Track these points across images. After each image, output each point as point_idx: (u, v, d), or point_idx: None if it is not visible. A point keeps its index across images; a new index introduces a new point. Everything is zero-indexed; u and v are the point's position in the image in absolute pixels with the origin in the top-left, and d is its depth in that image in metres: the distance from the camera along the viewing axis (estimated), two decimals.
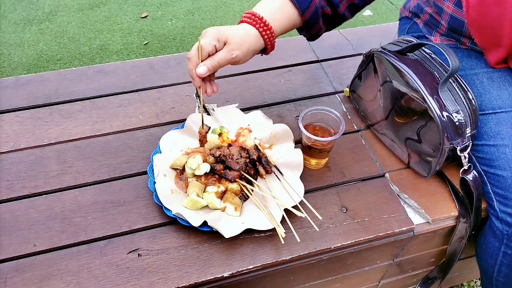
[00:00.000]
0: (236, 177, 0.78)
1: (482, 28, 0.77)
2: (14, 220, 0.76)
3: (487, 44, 0.80)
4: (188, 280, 0.69)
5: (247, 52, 0.71)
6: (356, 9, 0.81)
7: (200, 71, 0.68)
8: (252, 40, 0.72)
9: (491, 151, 0.78)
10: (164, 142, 0.85)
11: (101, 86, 1.03)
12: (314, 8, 0.75)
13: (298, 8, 0.74)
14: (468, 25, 0.78)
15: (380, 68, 0.83)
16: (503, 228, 0.76)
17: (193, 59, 0.69)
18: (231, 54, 0.69)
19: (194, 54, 0.69)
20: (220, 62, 0.70)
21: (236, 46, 0.69)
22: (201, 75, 0.69)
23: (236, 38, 0.70)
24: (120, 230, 0.75)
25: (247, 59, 0.73)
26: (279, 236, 0.71)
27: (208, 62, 0.69)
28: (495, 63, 0.82)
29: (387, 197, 0.82)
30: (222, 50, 0.69)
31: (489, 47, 0.81)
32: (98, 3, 2.45)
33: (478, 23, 0.76)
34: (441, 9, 0.84)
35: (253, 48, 0.73)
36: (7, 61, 2.06)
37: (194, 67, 0.69)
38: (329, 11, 0.78)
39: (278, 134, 0.85)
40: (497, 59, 0.81)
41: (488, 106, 0.81)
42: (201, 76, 0.69)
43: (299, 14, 0.75)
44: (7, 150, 0.88)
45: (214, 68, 0.70)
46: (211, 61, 0.69)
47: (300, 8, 0.74)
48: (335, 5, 0.77)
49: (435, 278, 0.97)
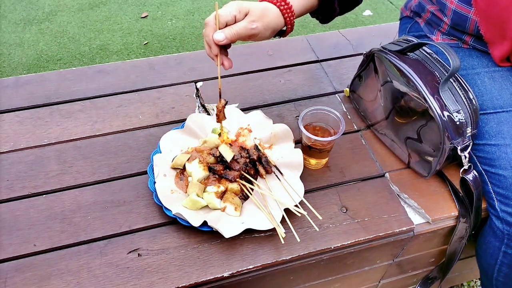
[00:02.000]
0: (236, 177, 0.78)
1: (489, 19, 0.77)
2: (14, 220, 0.76)
3: (493, 36, 0.80)
4: (188, 280, 0.69)
5: (267, 26, 0.69)
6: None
7: (218, 37, 0.65)
8: (273, 17, 0.70)
9: (492, 151, 0.78)
10: (164, 142, 0.85)
11: (101, 86, 1.03)
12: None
13: None
14: (476, 15, 0.77)
15: (381, 68, 0.83)
16: (504, 227, 0.76)
17: (210, 24, 0.66)
18: (252, 25, 0.67)
19: (211, 19, 0.66)
20: (239, 32, 0.67)
21: (257, 18, 0.68)
22: (218, 41, 0.66)
23: (257, 11, 0.68)
24: (120, 230, 0.75)
25: (266, 34, 0.71)
26: (279, 236, 0.71)
27: (227, 30, 0.66)
28: (499, 58, 0.82)
29: (387, 197, 0.82)
30: (243, 21, 0.67)
31: (494, 41, 0.81)
32: (98, 3, 2.45)
33: (486, 13, 0.76)
34: (444, 5, 0.84)
35: (273, 25, 0.71)
36: (7, 61, 2.06)
37: (211, 33, 0.66)
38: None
39: (278, 134, 0.85)
40: (502, 53, 0.81)
41: (489, 106, 0.81)
42: (218, 43, 0.66)
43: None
44: (7, 150, 0.88)
45: (232, 37, 0.66)
46: (230, 30, 0.66)
47: None
48: None
49: (435, 278, 0.97)
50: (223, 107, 0.76)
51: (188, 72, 1.07)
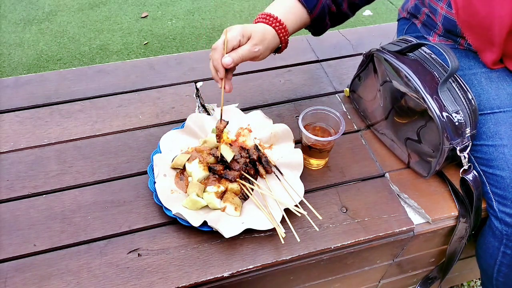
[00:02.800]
0: (236, 177, 0.78)
1: (473, 28, 0.78)
2: (14, 220, 0.76)
3: (480, 44, 0.81)
4: (188, 280, 0.69)
5: (267, 47, 0.75)
6: (356, 7, 0.86)
7: (226, 61, 0.70)
8: (271, 38, 0.75)
9: (490, 151, 0.78)
10: (164, 142, 0.85)
11: (101, 86, 1.03)
12: (321, 7, 0.79)
13: (306, 7, 0.78)
14: (460, 26, 0.79)
15: (380, 68, 0.83)
16: (502, 228, 0.76)
17: (219, 49, 0.70)
18: (255, 48, 0.72)
19: (220, 44, 0.70)
20: (243, 55, 0.72)
21: (258, 41, 0.73)
22: (227, 65, 0.70)
23: (259, 34, 0.73)
24: (120, 230, 0.75)
25: (266, 55, 0.76)
26: (279, 236, 0.71)
27: (234, 54, 0.71)
28: (491, 63, 0.82)
29: (387, 197, 0.82)
30: (246, 45, 0.72)
31: (483, 48, 0.81)
32: (98, 3, 2.45)
33: (468, 23, 0.77)
34: (435, 10, 0.85)
35: (272, 45, 0.76)
36: (7, 61, 2.06)
37: (220, 57, 0.71)
38: (334, 9, 0.82)
39: (278, 134, 0.85)
40: (492, 59, 0.81)
41: (486, 106, 0.81)
42: (226, 67, 0.71)
43: (308, 13, 0.79)
44: (7, 150, 0.88)
45: (238, 61, 0.71)
46: (236, 54, 0.71)
47: (308, 7, 0.78)
48: (338, 3, 0.81)
49: (435, 278, 0.97)
50: (223, 127, 0.78)
51: (188, 72, 1.07)
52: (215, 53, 0.71)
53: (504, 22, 0.71)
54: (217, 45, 0.71)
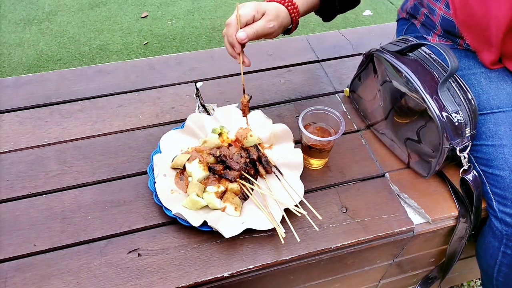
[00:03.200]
0: (236, 177, 0.78)
1: (471, 28, 0.78)
2: (14, 220, 0.76)
3: (478, 44, 0.81)
4: (188, 280, 0.69)
5: (281, 24, 0.75)
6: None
7: (241, 35, 0.70)
8: (284, 16, 0.75)
9: (490, 151, 0.78)
10: (164, 142, 0.85)
11: (101, 86, 1.03)
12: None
13: None
14: (458, 26, 0.79)
15: (380, 68, 0.83)
16: (502, 228, 0.76)
17: (232, 24, 0.70)
18: (269, 24, 0.72)
19: (233, 20, 0.70)
20: (258, 31, 0.71)
21: (273, 17, 0.73)
22: (242, 40, 0.70)
23: (273, 11, 0.73)
24: (120, 230, 0.75)
25: (279, 32, 0.77)
26: (279, 236, 0.71)
27: (248, 29, 0.71)
28: (490, 63, 0.82)
29: (387, 197, 0.82)
30: (261, 20, 0.72)
31: (481, 48, 0.81)
32: (98, 3, 2.45)
33: (466, 23, 0.77)
34: (433, 11, 0.85)
35: (284, 24, 0.76)
36: (7, 61, 2.06)
37: (234, 33, 0.70)
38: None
39: (278, 134, 0.85)
40: (491, 59, 0.81)
41: (486, 106, 0.81)
42: (241, 42, 0.70)
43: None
44: (7, 150, 0.88)
45: (252, 36, 0.71)
46: (251, 29, 0.71)
47: None
48: None
49: (435, 278, 0.97)
50: (247, 102, 0.79)
51: (188, 72, 1.07)
52: (230, 29, 0.70)
53: (500, 22, 0.71)
54: (231, 20, 0.70)
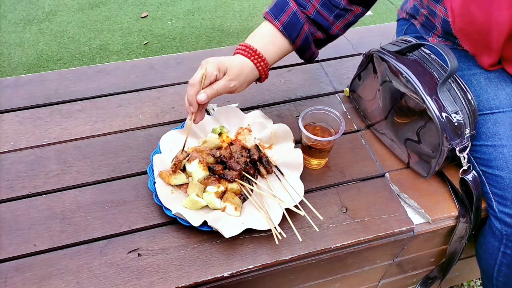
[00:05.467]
0: (235, 177, 0.78)
1: (469, 35, 0.77)
2: (14, 220, 0.76)
3: (477, 50, 0.81)
4: (188, 280, 0.69)
5: (243, 82, 0.75)
6: (351, 24, 0.84)
7: (201, 98, 0.71)
8: (248, 72, 0.75)
9: (489, 152, 0.78)
10: (164, 142, 0.85)
11: (101, 86, 1.03)
12: (304, 36, 0.78)
13: (288, 38, 0.77)
14: (456, 34, 0.79)
15: (379, 68, 0.83)
16: (502, 228, 0.76)
17: (196, 86, 0.71)
18: (229, 84, 0.73)
19: (198, 81, 0.70)
20: (218, 91, 0.72)
21: (234, 77, 0.73)
22: (201, 101, 0.71)
23: (235, 69, 0.73)
24: (120, 230, 0.75)
25: (242, 88, 0.77)
26: (274, 237, 0.71)
27: (208, 91, 0.71)
28: (488, 66, 0.82)
29: (387, 197, 0.82)
30: (222, 80, 0.72)
31: (480, 53, 0.81)
32: (98, 3, 2.45)
33: (464, 31, 0.77)
34: (434, 12, 0.85)
35: (249, 79, 0.77)
36: (7, 61, 2.06)
37: (195, 94, 0.71)
38: (321, 36, 0.81)
39: (278, 134, 0.85)
40: (490, 62, 0.81)
41: (485, 107, 0.81)
42: (200, 103, 0.71)
43: (290, 43, 0.79)
44: (7, 150, 0.88)
45: (212, 96, 0.72)
46: (211, 90, 0.72)
47: (290, 38, 0.78)
48: (325, 28, 0.80)
49: (435, 278, 0.97)
50: (183, 159, 0.79)
51: (188, 72, 1.07)
52: (192, 89, 0.71)
53: (502, 28, 0.71)
54: (195, 81, 0.70)
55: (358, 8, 0.80)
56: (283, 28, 0.77)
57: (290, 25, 0.76)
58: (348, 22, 0.82)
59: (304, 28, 0.77)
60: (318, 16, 0.77)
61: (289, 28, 0.77)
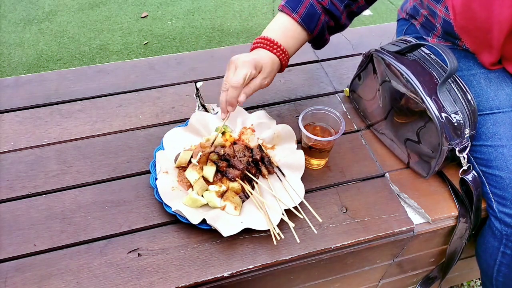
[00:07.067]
0: (237, 176, 0.78)
1: (471, 32, 0.78)
2: (14, 220, 0.76)
3: (478, 47, 0.81)
4: (188, 280, 0.69)
5: (273, 77, 0.79)
6: (354, 15, 0.87)
7: (242, 99, 0.73)
8: (277, 65, 0.78)
9: (489, 152, 0.78)
10: (168, 139, 0.85)
11: (101, 86, 1.03)
12: (321, 25, 0.81)
13: (307, 29, 0.79)
14: (457, 31, 0.80)
15: (379, 68, 0.83)
16: (502, 228, 0.76)
17: (240, 88, 0.72)
18: (264, 82, 0.75)
19: (242, 83, 0.71)
20: (254, 89, 0.74)
21: (267, 74, 0.76)
22: (242, 103, 0.73)
23: (268, 67, 0.75)
24: (120, 230, 0.75)
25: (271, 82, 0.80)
26: (273, 238, 0.71)
27: (247, 90, 0.73)
28: (489, 64, 0.82)
29: (387, 197, 0.82)
30: (257, 78, 0.74)
31: (480, 51, 0.81)
32: (98, 3, 2.45)
33: (466, 28, 0.77)
34: (434, 13, 0.85)
35: (275, 72, 0.79)
36: (7, 61, 2.06)
37: (238, 96, 0.72)
38: (333, 24, 0.84)
39: (281, 134, 0.85)
40: (490, 61, 0.81)
41: (485, 107, 0.81)
42: (241, 105, 0.73)
43: (308, 34, 0.81)
44: (7, 150, 0.88)
45: (249, 95, 0.74)
46: (249, 89, 0.74)
47: (309, 29, 0.80)
48: (337, 17, 0.82)
49: (435, 278, 0.97)
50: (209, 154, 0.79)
51: (188, 72, 1.07)
52: (235, 92, 0.71)
53: (503, 26, 0.71)
54: (239, 84, 0.70)
55: (362, 1, 0.84)
56: (301, 20, 0.78)
57: (308, 16, 0.78)
58: (352, 12, 0.85)
59: (321, 18, 0.80)
60: (332, 6, 0.80)
61: (307, 19, 0.78)
